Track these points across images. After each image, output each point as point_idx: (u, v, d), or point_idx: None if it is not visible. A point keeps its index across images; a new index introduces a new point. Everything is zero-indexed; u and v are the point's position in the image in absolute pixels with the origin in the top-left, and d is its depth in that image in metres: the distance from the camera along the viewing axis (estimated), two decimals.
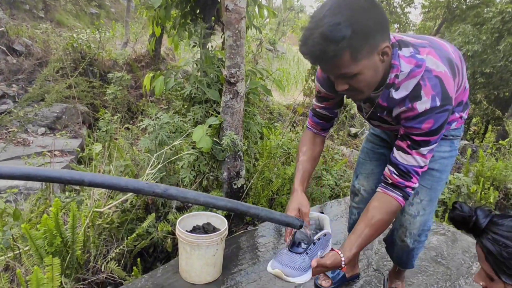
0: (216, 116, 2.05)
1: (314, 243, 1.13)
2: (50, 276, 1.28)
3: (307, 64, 9.89)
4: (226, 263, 1.71)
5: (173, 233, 1.94)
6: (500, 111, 6.78)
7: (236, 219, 2.17)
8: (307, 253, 1.11)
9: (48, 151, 3.80)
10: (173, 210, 2.02)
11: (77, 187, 2.77)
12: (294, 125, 4.04)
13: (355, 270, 1.70)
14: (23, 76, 5.18)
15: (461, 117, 1.26)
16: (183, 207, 2.12)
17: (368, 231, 1.10)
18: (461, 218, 0.92)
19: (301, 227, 1.00)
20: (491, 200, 2.93)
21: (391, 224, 1.56)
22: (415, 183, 1.11)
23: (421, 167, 1.09)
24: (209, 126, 1.99)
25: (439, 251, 2.00)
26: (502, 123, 6.48)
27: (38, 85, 4.01)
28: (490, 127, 6.44)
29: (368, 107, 1.20)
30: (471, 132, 8.25)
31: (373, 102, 1.15)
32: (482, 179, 3.04)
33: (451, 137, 1.28)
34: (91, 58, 5.22)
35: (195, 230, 1.69)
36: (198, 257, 1.53)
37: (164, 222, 1.95)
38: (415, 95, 1.01)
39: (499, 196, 3.10)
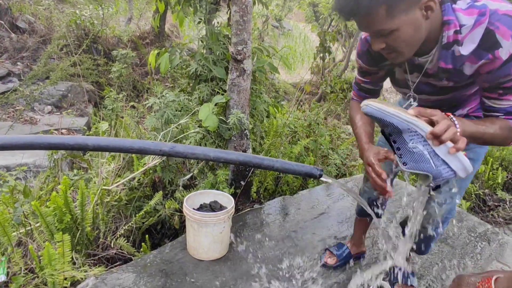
0: (223, 94, 2.02)
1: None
2: (61, 252, 1.31)
3: (314, 42, 9.68)
4: (233, 240, 1.73)
5: (180, 211, 1.96)
6: None
7: (243, 197, 2.18)
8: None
9: (55, 129, 3.83)
10: (180, 188, 2.03)
11: (85, 165, 2.80)
12: (301, 103, 4.00)
13: (361, 248, 1.71)
14: (27, 54, 5.14)
15: None
16: (190, 185, 2.13)
17: (491, 129, 0.96)
18: None
19: (320, 176, 0.91)
20: (499, 181, 2.91)
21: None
22: None
23: None
24: (215, 105, 1.96)
25: (444, 231, 2.00)
26: None
27: (42, 63, 3.98)
28: None
29: (417, 76, 1.09)
30: None
31: (422, 69, 1.04)
32: (491, 159, 3.01)
33: None
34: (94, 35, 5.15)
35: (202, 208, 1.71)
36: (206, 235, 1.55)
37: (171, 200, 1.97)
38: (491, 43, 0.89)
39: (507, 177, 3.08)
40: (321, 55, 5.66)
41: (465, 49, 0.93)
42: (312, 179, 1.06)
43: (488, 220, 2.62)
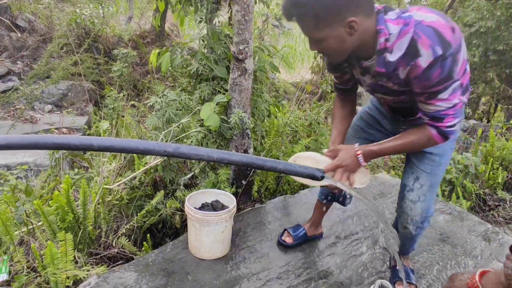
0: (224, 94, 2.02)
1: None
2: (63, 251, 1.32)
3: None
4: (234, 240, 1.74)
5: (181, 210, 1.96)
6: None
7: (244, 196, 2.19)
8: None
9: (56, 129, 3.83)
10: (181, 187, 2.04)
11: (86, 164, 2.80)
12: (302, 103, 4.00)
13: (317, 230, 1.81)
14: (27, 53, 5.13)
15: (461, 101, 1.17)
16: (191, 185, 2.14)
17: (397, 142, 1.19)
18: None
19: (322, 178, 0.98)
20: (499, 180, 2.91)
21: (395, 211, 1.56)
22: (450, 121, 1.08)
23: (451, 107, 1.05)
24: (217, 104, 1.97)
25: (445, 230, 2.01)
26: None
27: (43, 62, 3.97)
28: (499, 106, 6.33)
29: (368, 78, 1.19)
30: (479, 112, 8.12)
31: (370, 71, 1.15)
32: (491, 159, 3.01)
33: None
34: (95, 34, 5.15)
35: (203, 207, 1.71)
36: (207, 234, 1.55)
37: (172, 199, 1.97)
38: (412, 52, 0.99)
39: (507, 177, 3.08)
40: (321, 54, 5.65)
41: (393, 56, 1.04)
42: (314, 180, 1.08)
43: (488, 220, 2.63)
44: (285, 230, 1.80)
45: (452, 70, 0.98)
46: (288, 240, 1.75)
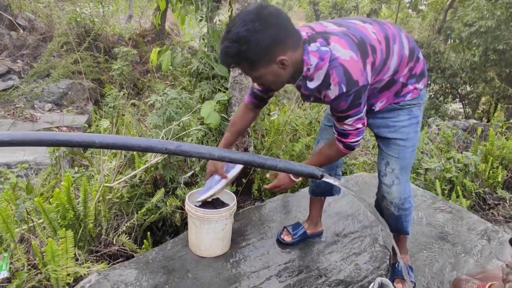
0: (224, 92, 2.03)
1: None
2: (64, 248, 1.32)
3: None
4: (235, 237, 1.74)
5: (182, 208, 1.97)
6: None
7: (244, 194, 2.19)
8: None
9: (56, 127, 3.83)
10: (182, 185, 2.04)
11: (86, 162, 2.80)
12: (302, 102, 4.00)
13: (317, 228, 1.82)
14: (27, 52, 5.14)
15: (415, 88, 1.34)
16: (192, 183, 2.14)
17: (316, 157, 1.39)
18: None
19: (322, 177, 1.00)
20: (499, 179, 2.92)
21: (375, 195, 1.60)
22: (353, 139, 1.27)
23: (355, 130, 1.24)
24: (217, 102, 1.97)
25: (444, 229, 2.01)
26: None
27: (43, 60, 3.98)
28: (499, 106, 6.33)
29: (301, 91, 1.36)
30: (479, 111, 8.13)
31: (300, 88, 1.29)
32: (491, 158, 3.02)
33: (407, 106, 1.37)
34: (95, 33, 5.15)
35: (204, 205, 1.71)
36: (208, 231, 1.55)
37: (172, 197, 1.97)
38: (326, 84, 1.14)
39: (507, 175, 3.09)
40: None
41: (312, 84, 1.19)
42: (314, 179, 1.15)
43: (488, 219, 2.63)
44: (284, 228, 1.81)
45: (354, 104, 1.16)
46: (287, 238, 1.76)
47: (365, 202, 1.19)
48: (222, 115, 1.99)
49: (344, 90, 1.12)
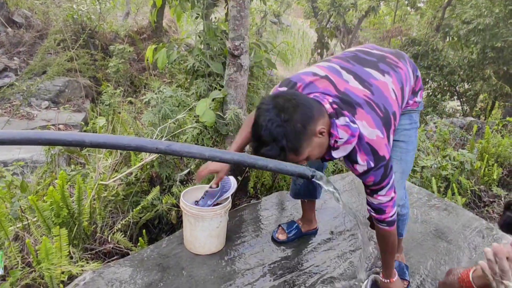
0: (220, 90, 2.03)
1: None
2: (58, 246, 1.32)
3: (313, 38, 9.67)
4: (230, 235, 1.74)
5: (177, 206, 1.97)
6: (509, 87, 6.64)
7: (240, 192, 2.19)
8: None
9: (52, 125, 3.82)
10: (177, 183, 2.04)
11: (82, 160, 2.80)
12: None
13: (312, 225, 1.83)
14: (24, 49, 5.11)
15: (415, 102, 1.42)
16: (187, 180, 2.14)
17: (385, 254, 1.40)
18: None
19: (312, 177, 1.00)
20: (494, 177, 2.93)
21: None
22: (391, 212, 1.28)
23: (389, 201, 1.25)
24: (213, 100, 1.97)
25: (439, 226, 2.02)
26: (510, 99, 6.36)
27: (39, 57, 3.96)
28: (497, 103, 6.34)
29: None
30: (477, 109, 8.13)
31: None
32: (487, 155, 3.03)
33: (407, 112, 1.42)
34: (91, 30, 5.12)
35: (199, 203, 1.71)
36: (202, 229, 1.56)
37: (168, 195, 1.97)
38: (353, 159, 1.18)
39: (502, 173, 3.10)
40: (319, 50, 5.66)
41: (337, 154, 1.19)
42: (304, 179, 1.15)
43: (483, 216, 2.64)
44: (279, 226, 1.81)
45: (385, 176, 1.19)
46: (282, 237, 1.76)
47: (350, 210, 1.30)
48: (218, 113, 1.99)
49: (372, 165, 1.16)
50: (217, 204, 1.65)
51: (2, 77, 4.63)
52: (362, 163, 1.16)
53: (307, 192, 1.72)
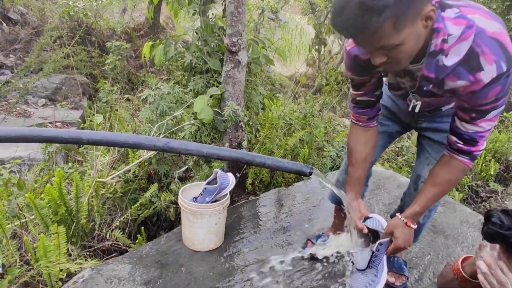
0: (217, 86, 2.02)
1: (375, 255, 1.20)
2: (56, 244, 1.32)
3: (310, 34, 9.64)
4: (228, 232, 1.74)
5: (176, 203, 1.97)
6: None
7: (238, 189, 2.19)
8: (371, 267, 1.21)
9: (49, 123, 3.80)
10: (176, 180, 2.04)
11: (80, 158, 2.79)
12: (297, 96, 4.00)
13: None
14: (20, 46, 5.07)
15: None
16: (186, 178, 2.14)
17: (434, 191, 1.13)
18: (502, 236, 0.82)
19: (310, 174, 0.96)
20: (491, 172, 2.94)
21: (400, 201, 1.57)
22: (483, 145, 1.06)
23: (488, 130, 1.03)
24: (211, 97, 1.96)
25: (437, 221, 2.03)
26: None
27: (35, 54, 3.93)
28: None
29: (408, 80, 1.10)
30: None
31: (413, 75, 1.06)
32: (484, 151, 3.04)
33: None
34: (88, 26, 5.09)
35: (197, 199, 1.71)
36: (201, 226, 1.56)
37: (166, 192, 1.97)
38: (474, 65, 0.90)
39: (499, 168, 3.11)
40: (317, 47, 5.65)
41: (449, 60, 0.93)
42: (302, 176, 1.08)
43: (480, 211, 2.66)
44: (307, 240, 1.70)
45: (509, 88, 0.93)
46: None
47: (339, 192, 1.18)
48: (215, 109, 1.98)
49: (505, 69, 0.88)
50: (216, 201, 1.65)
51: None
52: (490, 66, 0.87)
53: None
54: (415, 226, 1.20)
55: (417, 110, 1.17)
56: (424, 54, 0.96)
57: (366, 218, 1.27)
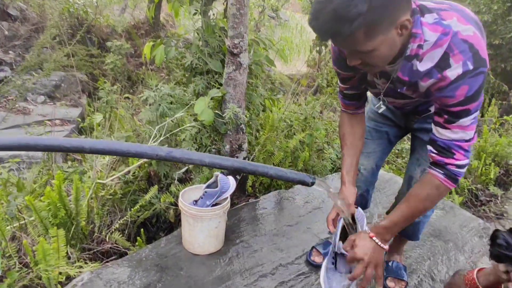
0: (218, 88, 2.01)
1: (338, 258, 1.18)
2: (55, 247, 1.31)
3: (311, 33, 9.62)
4: (228, 235, 1.74)
5: (176, 204, 1.96)
6: (506, 85, 6.65)
7: (238, 191, 2.19)
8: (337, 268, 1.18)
9: (49, 120, 3.79)
10: (176, 181, 2.03)
11: (79, 156, 2.78)
12: (297, 97, 3.99)
13: None
14: (19, 43, 5.05)
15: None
16: (185, 179, 2.13)
17: (403, 205, 1.09)
18: (509, 258, 0.82)
19: (313, 184, 0.94)
20: (491, 176, 2.94)
21: (394, 199, 1.57)
22: (460, 159, 1.00)
23: (466, 140, 0.99)
24: (211, 99, 1.95)
25: (437, 226, 2.03)
26: (508, 97, 6.38)
27: (35, 53, 3.91)
28: (493, 101, 6.35)
29: (383, 82, 1.13)
30: None
31: (389, 76, 1.07)
32: (484, 154, 3.04)
33: None
34: (88, 24, 5.06)
35: (197, 203, 1.71)
36: (201, 229, 1.55)
37: (166, 194, 1.96)
38: (443, 64, 0.91)
39: (499, 172, 3.11)
40: (317, 48, 5.63)
41: (423, 66, 0.95)
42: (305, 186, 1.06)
43: (480, 215, 2.66)
44: (313, 248, 1.65)
45: (479, 91, 0.92)
46: (318, 259, 1.60)
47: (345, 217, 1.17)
48: (216, 111, 1.97)
49: (471, 67, 0.88)
50: (216, 204, 1.65)
51: None
52: (456, 64, 0.89)
53: (360, 203, 1.58)
54: (383, 246, 1.11)
55: (380, 111, 1.24)
56: (400, 55, 0.98)
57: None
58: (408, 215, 1.09)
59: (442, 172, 1.03)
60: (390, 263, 1.59)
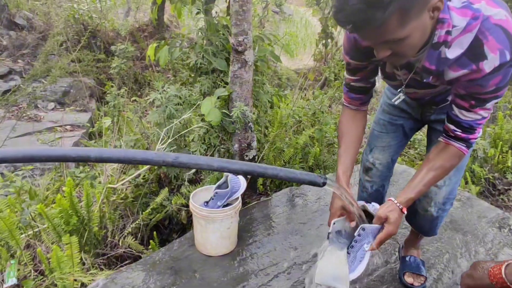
0: (225, 87, 1.98)
1: (356, 240, 1.11)
2: (69, 254, 1.31)
3: (316, 26, 9.52)
4: (241, 235, 1.72)
5: (187, 206, 1.95)
6: None
7: (249, 190, 2.17)
8: (349, 252, 1.11)
9: (59, 126, 3.83)
10: (186, 183, 2.02)
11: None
12: (305, 91, 3.94)
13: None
14: (27, 51, 5.11)
15: None
16: (196, 180, 2.12)
17: (429, 177, 1.08)
18: None
19: (324, 184, 0.92)
20: (509, 164, 2.86)
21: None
22: (479, 132, 1.06)
23: (485, 118, 1.01)
24: (218, 98, 1.93)
25: (454, 218, 1.98)
26: None
27: (41, 61, 3.95)
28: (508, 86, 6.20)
29: (405, 73, 1.08)
30: None
31: (411, 66, 1.03)
32: (501, 142, 2.95)
33: None
34: (93, 29, 5.09)
35: (208, 203, 1.69)
36: (213, 231, 1.54)
37: (177, 195, 1.96)
38: (476, 53, 0.87)
39: None
40: (324, 41, 5.56)
41: (452, 53, 0.90)
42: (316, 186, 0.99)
43: (498, 205, 2.59)
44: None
45: (510, 78, 0.90)
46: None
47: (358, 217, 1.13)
48: (224, 111, 1.95)
49: (508, 58, 0.85)
50: (227, 204, 1.63)
51: (7, 80, 4.65)
52: (494, 55, 0.84)
53: (375, 199, 1.54)
54: (405, 211, 1.12)
55: (396, 103, 1.17)
56: (425, 44, 0.92)
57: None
58: (430, 184, 1.11)
59: (465, 145, 1.08)
60: (407, 258, 1.56)
